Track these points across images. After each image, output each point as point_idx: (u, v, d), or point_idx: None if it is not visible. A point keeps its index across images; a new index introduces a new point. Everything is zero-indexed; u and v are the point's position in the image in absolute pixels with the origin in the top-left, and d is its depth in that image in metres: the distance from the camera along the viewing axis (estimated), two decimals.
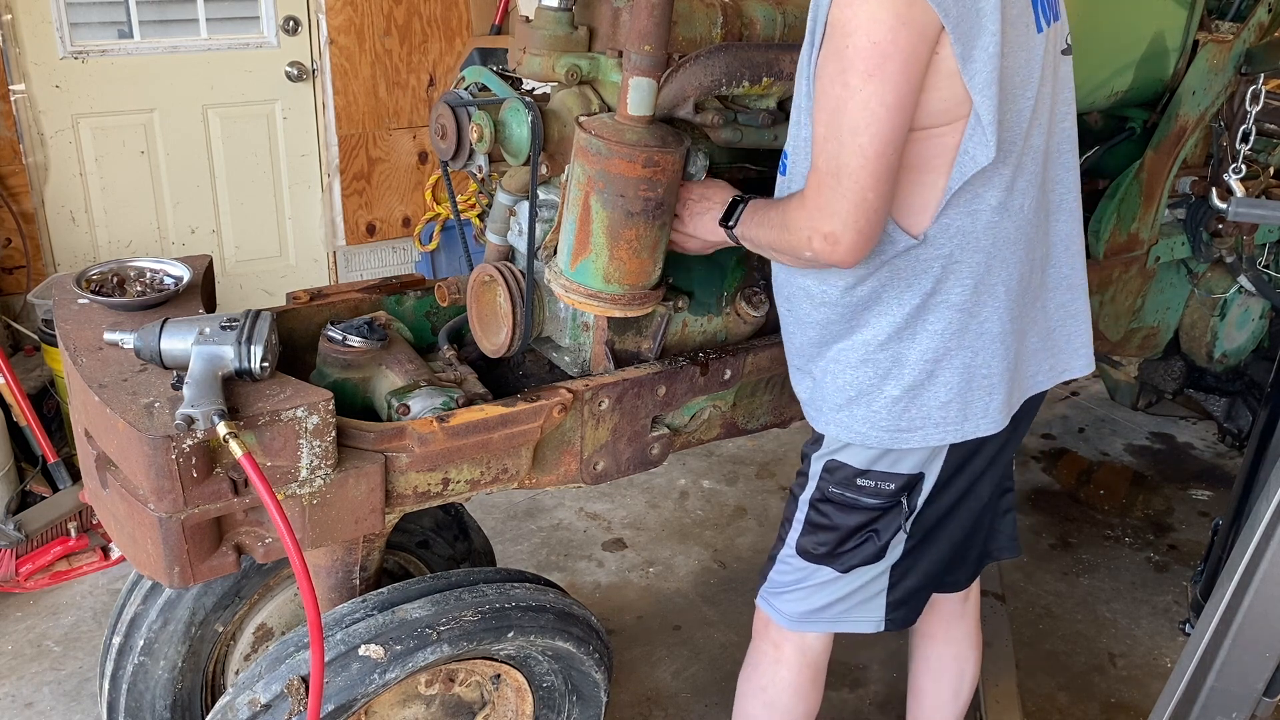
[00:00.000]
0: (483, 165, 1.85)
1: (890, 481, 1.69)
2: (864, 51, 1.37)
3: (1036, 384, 1.75)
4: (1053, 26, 1.59)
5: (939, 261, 1.55)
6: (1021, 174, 1.57)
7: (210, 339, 1.56)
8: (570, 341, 1.96)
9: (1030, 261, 1.64)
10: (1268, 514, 1.58)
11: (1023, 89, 1.53)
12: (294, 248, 4.36)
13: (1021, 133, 1.54)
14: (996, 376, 1.63)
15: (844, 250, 1.46)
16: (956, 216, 1.54)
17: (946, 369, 1.60)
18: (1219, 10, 2.51)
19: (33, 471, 3.10)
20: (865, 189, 1.42)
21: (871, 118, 1.39)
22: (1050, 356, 1.75)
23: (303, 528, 1.60)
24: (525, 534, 3.27)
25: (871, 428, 1.65)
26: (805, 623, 1.84)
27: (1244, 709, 1.63)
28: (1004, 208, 1.56)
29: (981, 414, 1.64)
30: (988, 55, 1.43)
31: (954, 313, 1.58)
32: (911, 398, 1.62)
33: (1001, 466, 1.82)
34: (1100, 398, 4.20)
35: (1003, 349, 1.62)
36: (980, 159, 1.49)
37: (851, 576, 1.78)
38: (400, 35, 4.19)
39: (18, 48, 3.59)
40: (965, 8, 1.40)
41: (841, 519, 1.74)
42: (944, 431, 1.64)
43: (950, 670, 2.08)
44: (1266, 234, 2.96)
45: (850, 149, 1.41)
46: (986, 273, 1.57)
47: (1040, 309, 1.71)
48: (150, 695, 1.98)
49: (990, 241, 1.56)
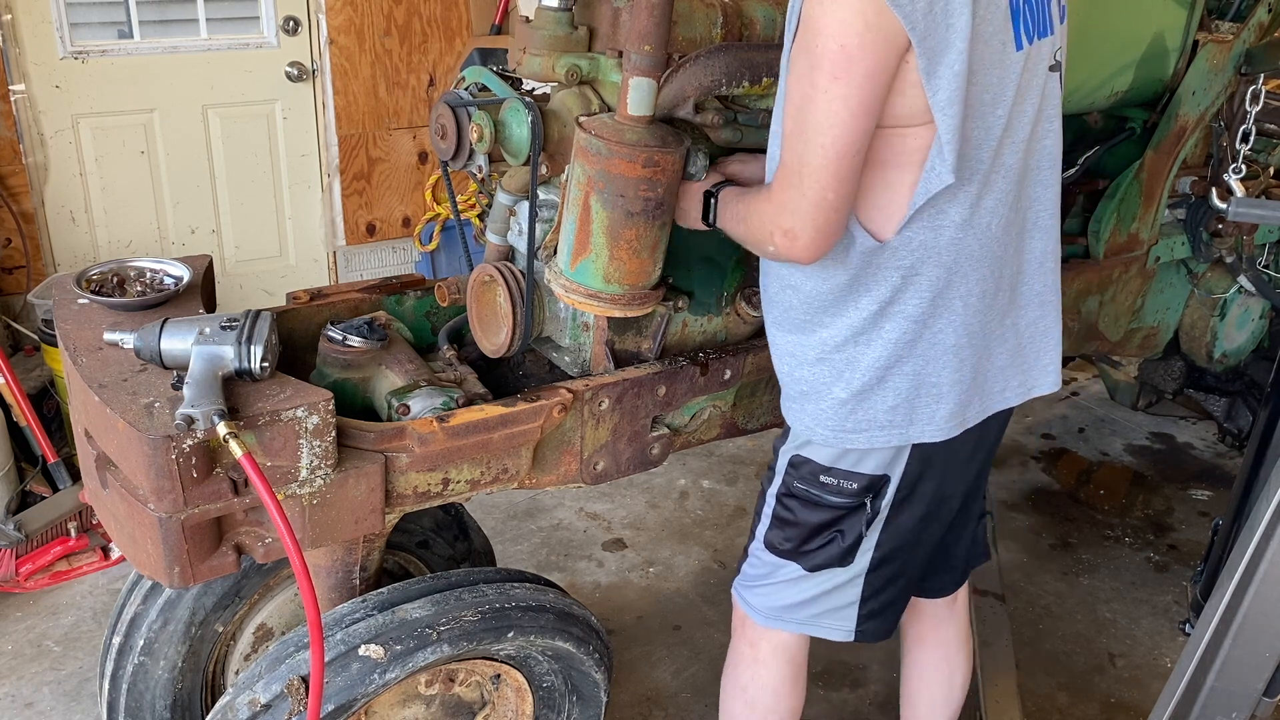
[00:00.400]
0: (483, 165, 1.85)
1: (853, 480, 1.70)
2: (831, 54, 1.38)
3: (1004, 400, 1.74)
4: (1037, 44, 1.56)
5: (899, 272, 1.56)
6: (989, 192, 1.56)
7: (210, 339, 1.56)
8: (570, 341, 1.96)
9: (998, 278, 1.63)
10: (1268, 514, 1.58)
11: (992, 107, 1.51)
12: (294, 248, 4.36)
13: (990, 151, 1.53)
14: (945, 386, 1.63)
15: (801, 247, 1.48)
16: (919, 230, 1.54)
17: (896, 375, 1.61)
18: (1219, 10, 2.51)
19: (33, 471, 3.10)
20: (825, 188, 1.44)
21: (835, 119, 1.40)
22: (1020, 373, 1.75)
23: (303, 528, 1.61)
24: (525, 534, 3.27)
25: (819, 424, 1.67)
26: (776, 619, 1.85)
27: (1244, 709, 1.63)
28: (968, 224, 1.55)
29: (927, 421, 1.64)
30: (952, 74, 1.43)
31: (909, 323, 1.59)
32: (859, 401, 1.63)
33: (971, 473, 1.82)
34: (1100, 398, 4.20)
35: (955, 361, 1.62)
36: (945, 177, 1.49)
37: (820, 578, 1.78)
38: (400, 35, 4.19)
39: (18, 48, 3.59)
40: (934, 23, 1.39)
41: (805, 515, 1.75)
42: (889, 434, 1.65)
43: (941, 672, 2.08)
44: (1266, 234, 2.96)
45: (813, 148, 1.42)
46: (946, 287, 1.58)
47: (1010, 326, 1.70)
48: (150, 695, 1.98)
49: (952, 257, 1.56)
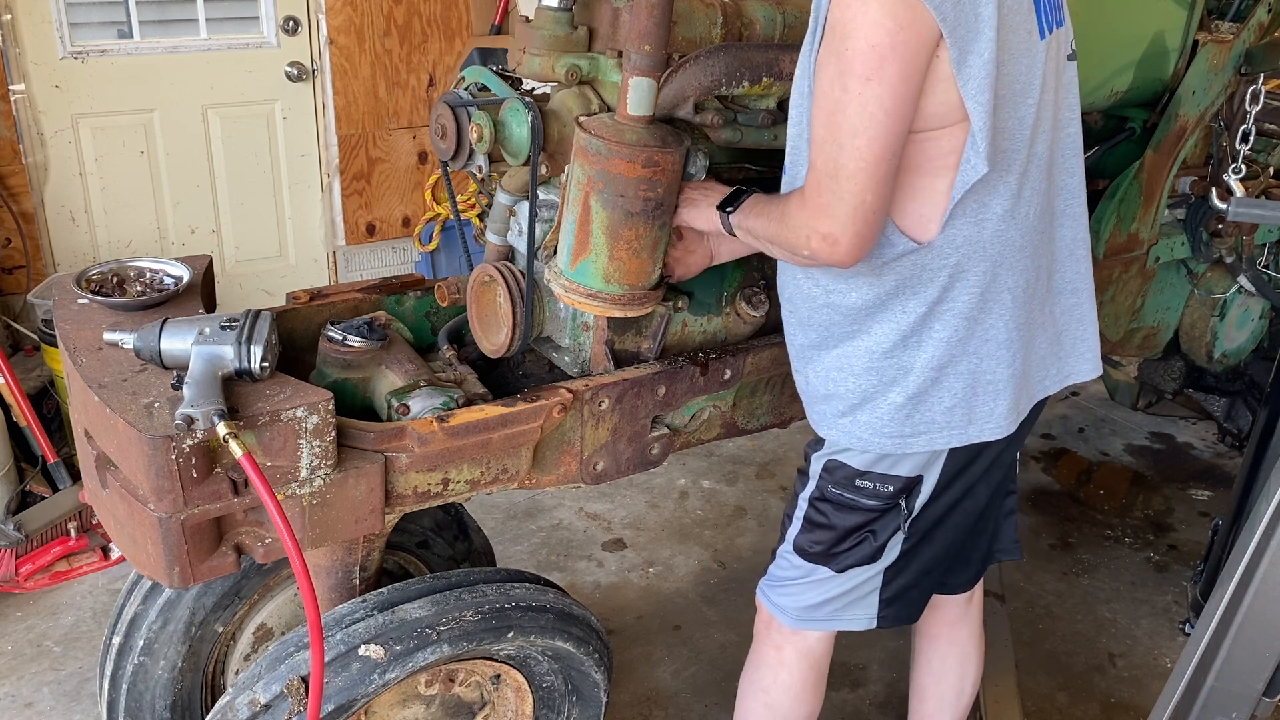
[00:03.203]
0: (483, 165, 1.85)
1: (889, 484, 1.69)
2: (863, 55, 1.37)
3: (1044, 388, 1.75)
4: (1056, 32, 1.57)
5: (946, 270, 1.55)
6: (1027, 181, 1.56)
7: (210, 339, 1.56)
8: (570, 341, 1.96)
9: (1036, 268, 1.64)
10: (1268, 514, 1.58)
11: (1023, 96, 1.52)
12: (294, 248, 4.36)
13: (1025, 140, 1.54)
14: (1002, 382, 1.63)
15: (843, 251, 1.46)
16: (964, 226, 1.53)
17: (951, 375, 1.60)
18: (1219, 10, 2.51)
19: (33, 471, 3.10)
20: (864, 191, 1.42)
21: (870, 120, 1.39)
22: (1058, 361, 1.75)
23: (303, 528, 1.60)
24: (525, 534, 3.27)
25: (875, 434, 1.65)
26: (804, 620, 1.85)
27: (1244, 709, 1.63)
28: (1011, 215, 1.55)
29: (986, 419, 1.64)
30: (982, 62, 1.42)
31: (960, 320, 1.58)
32: (916, 404, 1.61)
33: (1002, 469, 1.82)
34: (1100, 398, 4.19)
35: (1008, 355, 1.62)
36: (980, 167, 1.48)
37: (846, 576, 1.78)
38: (400, 35, 4.19)
39: (18, 48, 3.59)
40: (963, 13, 1.39)
41: (839, 519, 1.74)
42: (948, 435, 1.64)
43: (953, 671, 2.08)
44: (1266, 234, 2.96)
45: (849, 151, 1.41)
46: (993, 280, 1.57)
47: (1048, 313, 1.71)
48: (150, 695, 1.98)
49: (997, 250, 1.56)
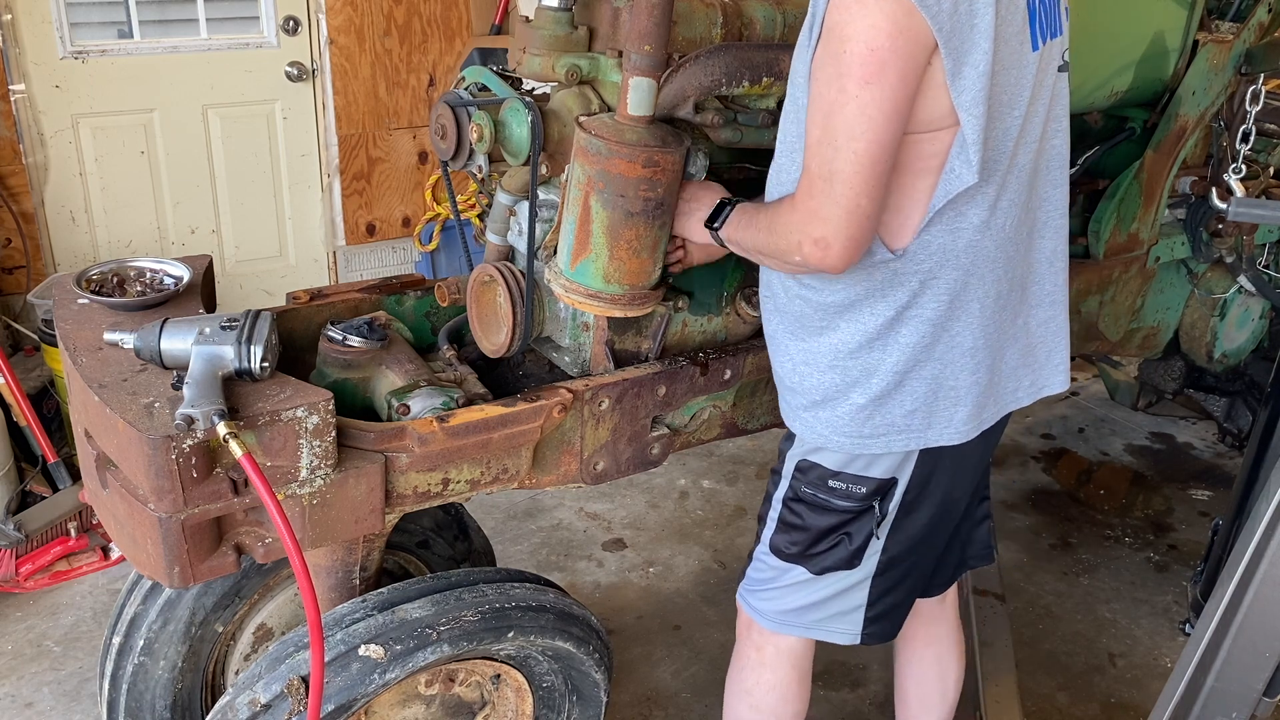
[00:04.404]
0: (483, 165, 1.85)
1: (862, 485, 1.69)
2: (861, 58, 1.36)
3: (1016, 400, 1.74)
4: (1049, 43, 1.56)
5: (918, 276, 1.55)
6: (1005, 192, 1.56)
7: (210, 339, 1.56)
8: (570, 341, 1.96)
9: (1010, 278, 1.63)
10: (1268, 514, 1.58)
11: (1010, 108, 1.51)
12: (294, 248, 4.36)
13: (1008, 151, 1.53)
14: (964, 389, 1.63)
15: (835, 256, 1.45)
16: (939, 234, 1.53)
17: (915, 380, 1.60)
18: (1219, 10, 2.50)
19: (33, 471, 3.10)
20: (859, 194, 1.41)
21: (868, 124, 1.38)
22: (1031, 372, 1.74)
23: (303, 528, 1.60)
24: (525, 534, 3.27)
25: (835, 432, 1.65)
26: (782, 624, 1.84)
27: (1244, 709, 1.64)
28: (986, 226, 1.55)
29: (945, 424, 1.64)
30: (977, 73, 1.42)
31: (928, 326, 1.57)
32: (876, 406, 1.62)
33: (976, 474, 1.82)
34: (1100, 398, 4.19)
35: (972, 363, 1.62)
36: (966, 178, 1.48)
37: (826, 581, 1.78)
38: (400, 35, 4.19)
39: (18, 48, 3.59)
40: (959, 23, 1.39)
41: (813, 519, 1.74)
42: (907, 439, 1.64)
43: (933, 671, 2.08)
44: (1266, 234, 2.96)
45: (845, 154, 1.40)
46: (963, 289, 1.57)
47: (1021, 325, 1.70)
48: (150, 695, 1.98)
49: (970, 259, 1.55)
